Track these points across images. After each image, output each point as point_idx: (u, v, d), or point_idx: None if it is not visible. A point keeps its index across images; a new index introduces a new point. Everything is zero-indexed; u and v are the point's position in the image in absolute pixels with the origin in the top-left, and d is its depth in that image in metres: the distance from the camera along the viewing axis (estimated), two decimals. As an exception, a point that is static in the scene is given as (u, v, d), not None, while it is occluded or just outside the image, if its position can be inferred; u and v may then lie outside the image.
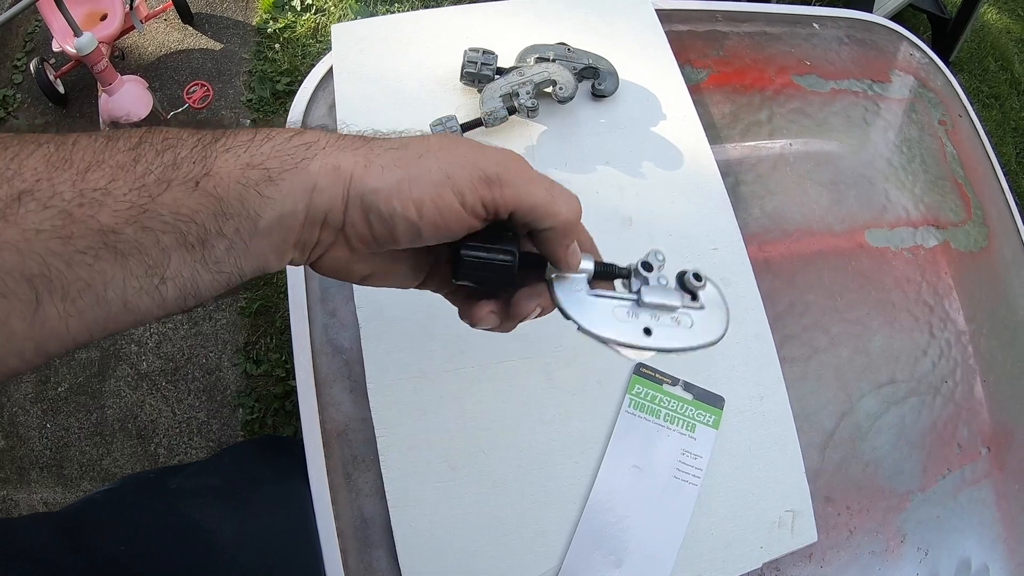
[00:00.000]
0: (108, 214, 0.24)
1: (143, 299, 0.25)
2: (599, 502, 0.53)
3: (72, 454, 1.38)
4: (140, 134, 0.26)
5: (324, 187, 0.28)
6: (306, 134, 0.29)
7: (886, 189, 0.73)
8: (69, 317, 0.24)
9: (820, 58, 0.80)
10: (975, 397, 0.67)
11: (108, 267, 0.24)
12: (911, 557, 0.60)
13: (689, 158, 0.66)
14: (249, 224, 0.27)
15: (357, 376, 0.57)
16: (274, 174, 0.27)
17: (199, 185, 0.26)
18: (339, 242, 0.30)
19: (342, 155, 0.28)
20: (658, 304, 0.34)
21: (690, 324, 0.34)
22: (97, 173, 0.24)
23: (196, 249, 0.26)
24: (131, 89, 1.40)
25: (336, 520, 0.53)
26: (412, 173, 0.29)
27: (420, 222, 0.29)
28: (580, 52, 0.65)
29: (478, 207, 0.29)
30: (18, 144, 0.24)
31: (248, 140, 0.27)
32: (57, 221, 0.23)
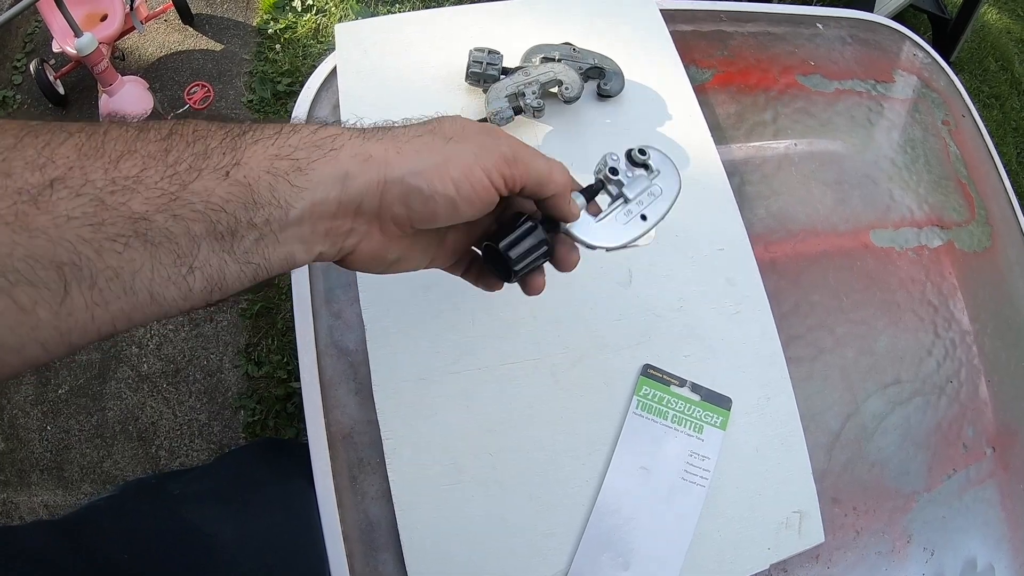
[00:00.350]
0: (140, 201, 0.24)
1: (170, 289, 0.26)
2: (607, 504, 0.53)
3: (73, 456, 1.38)
4: (170, 126, 0.26)
5: (356, 174, 0.29)
6: (330, 127, 0.30)
7: (890, 189, 0.73)
8: (95, 307, 0.24)
9: (824, 58, 0.80)
10: (980, 397, 0.67)
11: (137, 255, 0.24)
12: (917, 557, 0.60)
13: (695, 158, 0.66)
14: (280, 213, 0.27)
15: (362, 378, 0.56)
16: (303, 164, 0.28)
17: (229, 175, 0.26)
18: (373, 229, 0.32)
19: (369, 144, 0.30)
20: (638, 192, 0.40)
21: (660, 191, 0.41)
22: (129, 162, 0.24)
23: (225, 239, 0.26)
24: (131, 90, 1.39)
25: (342, 523, 0.53)
26: (445, 155, 0.31)
27: (458, 198, 0.31)
28: (585, 52, 0.65)
29: (500, 182, 0.33)
30: (49, 133, 0.24)
31: (275, 132, 0.28)
32: (89, 208, 0.23)
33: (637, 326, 0.59)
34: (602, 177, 0.40)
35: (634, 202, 0.40)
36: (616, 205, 0.40)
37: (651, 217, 0.40)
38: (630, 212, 0.40)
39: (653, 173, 0.41)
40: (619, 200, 0.40)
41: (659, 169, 0.41)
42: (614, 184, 0.40)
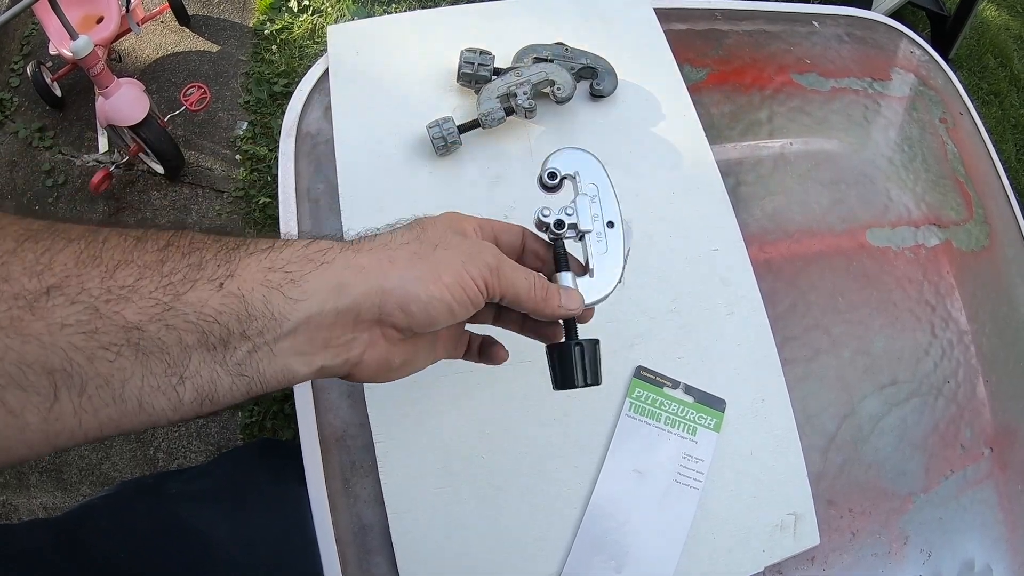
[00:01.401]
0: (134, 311, 0.25)
1: (159, 399, 0.26)
2: (599, 507, 0.53)
3: (71, 458, 1.38)
4: (167, 237, 0.27)
5: (352, 284, 0.30)
6: (321, 241, 0.31)
7: (887, 188, 0.73)
8: (84, 413, 0.24)
9: (820, 56, 0.79)
10: (977, 397, 0.67)
11: (128, 364, 0.25)
12: (914, 559, 0.60)
13: (689, 158, 0.65)
14: (274, 325, 0.28)
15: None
16: (297, 276, 0.28)
17: (223, 286, 0.27)
18: (376, 338, 0.32)
19: (361, 256, 0.31)
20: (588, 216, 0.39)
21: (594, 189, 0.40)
22: (125, 271, 0.25)
23: (218, 350, 0.27)
24: (127, 92, 1.39)
25: (335, 527, 0.53)
26: (435, 262, 0.32)
27: (453, 302, 0.32)
28: (578, 52, 0.65)
29: (485, 290, 0.34)
30: (49, 238, 0.24)
31: (268, 246, 0.29)
32: (83, 316, 0.24)
33: (630, 327, 0.58)
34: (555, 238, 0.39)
35: (593, 224, 0.39)
36: (588, 245, 0.39)
37: (611, 216, 0.39)
38: (599, 236, 0.39)
39: (574, 178, 0.40)
40: (583, 237, 0.39)
41: (575, 171, 0.40)
42: (569, 229, 0.39)
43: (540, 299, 0.36)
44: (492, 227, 0.39)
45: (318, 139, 0.66)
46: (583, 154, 0.40)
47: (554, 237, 0.39)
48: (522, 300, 0.35)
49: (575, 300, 0.37)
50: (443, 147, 0.60)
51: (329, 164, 0.63)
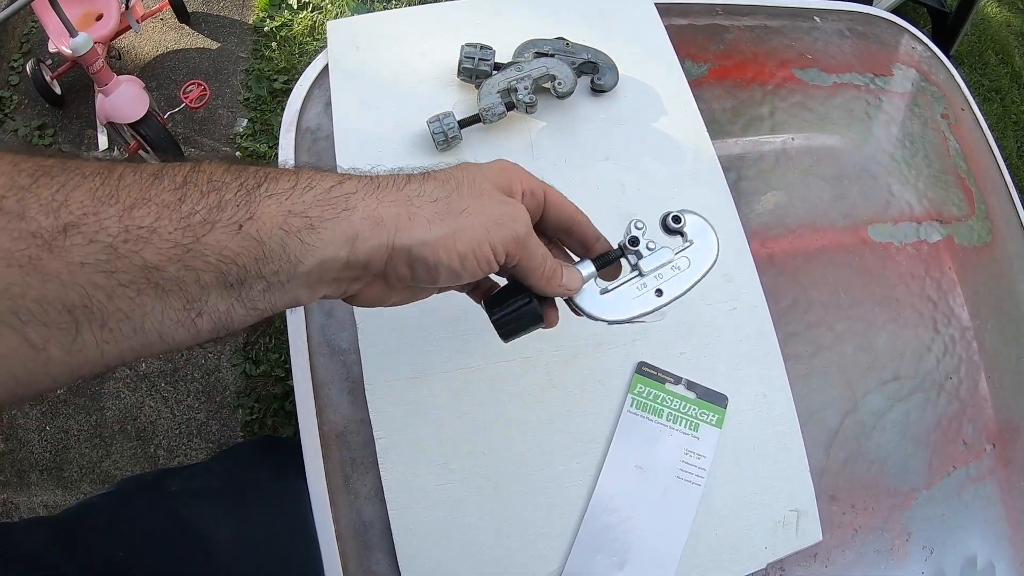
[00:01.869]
0: (153, 251, 0.25)
1: (179, 331, 0.26)
2: (601, 503, 0.53)
3: (72, 456, 1.38)
4: (185, 172, 0.27)
5: (366, 237, 0.30)
6: (346, 183, 0.30)
7: (889, 184, 0.73)
8: (105, 344, 0.25)
9: (822, 52, 0.79)
10: (980, 393, 0.67)
11: (148, 301, 0.25)
12: (916, 555, 0.59)
13: (690, 153, 0.65)
14: (289, 267, 0.28)
15: (355, 377, 0.56)
16: (316, 222, 0.28)
17: (242, 228, 0.27)
18: (377, 282, 0.33)
19: (382, 207, 0.31)
20: (657, 266, 0.39)
21: (687, 264, 0.39)
22: (143, 210, 0.25)
23: (234, 288, 0.27)
24: (127, 89, 1.38)
25: (335, 523, 0.53)
26: (455, 227, 0.32)
27: (461, 269, 0.32)
28: (579, 47, 0.64)
29: (503, 258, 0.33)
30: (64, 175, 0.24)
31: (290, 187, 0.29)
32: (102, 256, 0.24)
33: (632, 324, 0.58)
34: (622, 243, 0.39)
35: (650, 276, 0.39)
36: (631, 276, 0.39)
37: (667, 294, 0.39)
38: (644, 286, 0.39)
39: (686, 243, 0.40)
40: (635, 272, 0.39)
41: (694, 239, 0.40)
42: (632, 254, 0.39)
43: (548, 274, 0.36)
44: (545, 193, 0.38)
45: (318, 134, 0.66)
46: (713, 239, 0.40)
47: (620, 246, 0.39)
48: (532, 271, 0.36)
49: (575, 281, 0.38)
50: (444, 142, 0.60)
51: (329, 159, 0.63)
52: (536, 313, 0.38)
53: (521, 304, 0.37)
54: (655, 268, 0.39)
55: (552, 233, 0.40)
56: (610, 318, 0.39)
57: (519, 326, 0.38)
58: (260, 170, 0.29)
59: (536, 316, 0.38)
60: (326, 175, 0.31)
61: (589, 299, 0.39)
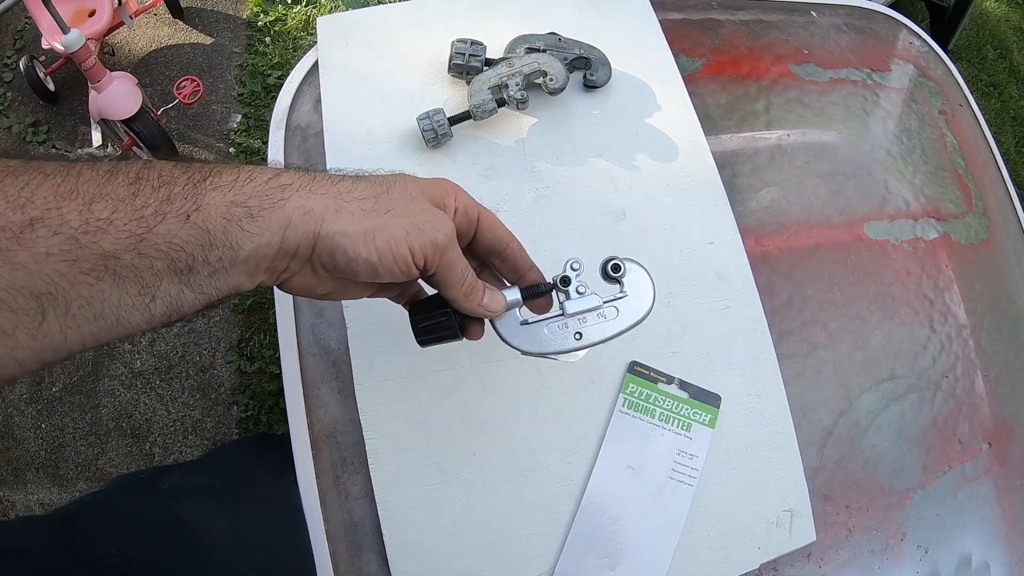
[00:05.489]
0: (110, 241, 0.27)
1: (134, 315, 0.29)
2: (593, 504, 0.52)
3: (67, 454, 1.38)
4: (137, 170, 0.29)
5: (297, 225, 0.32)
6: (283, 176, 0.33)
7: (885, 180, 0.72)
8: (68, 330, 0.27)
9: (818, 46, 0.78)
10: (976, 392, 0.66)
11: (107, 287, 0.28)
12: (911, 555, 0.59)
13: (684, 150, 0.64)
14: (231, 253, 0.31)
15: (345, 377, 0.55)
16: (255, 211, 0.31)
17: (190, 219, 0.29)
18: (305, 269, 0.35)
19: (314, 199, 0.33)
20: (580, 311, 0.40)
21: (615, 314, 0.41)
22: (101, 204, 0.27)
23: (184, 274, 0.30)
24: (120, 85, 1.37)
25: (326, 523, 0.52)
26: (377, 224, 0.34)
27: (379, 265, 0.34)
28: (571, 42, 0.64)
29: (422, 262, 0.36)
30: (27, 174, 0.27)
31: (232, 180, 0.31)
32: (65, 246, 0.26)
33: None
34: (553, 282, 0.41)
35: (573, 318, 0.40)
36: (555, 315, 0.40)
37: (586, 338, 0.40)
38: (565, 326, 0.40)
39: (620, 293, 0.41)
40: (559, 311, 0.40)
41: (629, 291, 0.41)
42: (562, 293, 0.40)
43: (467, 290, 0.38)
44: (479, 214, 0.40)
45: (308, 132, 0.65)
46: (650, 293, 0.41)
47: (552, 283, 0.41)
48: (450, 284, 0.38)
49: (496, 304, 0.39)
50: (433, 139, 0.59)
51: (319, 157, 0.63)
52: (451, 327, 0.39)
53: (439, 316, 0.39)
54: (579, 312, 0.40)
55: (484, 255, 0.42)
56: (523, 348, 0.40)
57: (434, 337, 0.40)
58: (206, 166, 0.32)
59: (451, 330, 0.40)
60: (266, 169, 0.33)
61: (507, 325, 0.40)
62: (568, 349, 0.40)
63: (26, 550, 0.51)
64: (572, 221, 0.60)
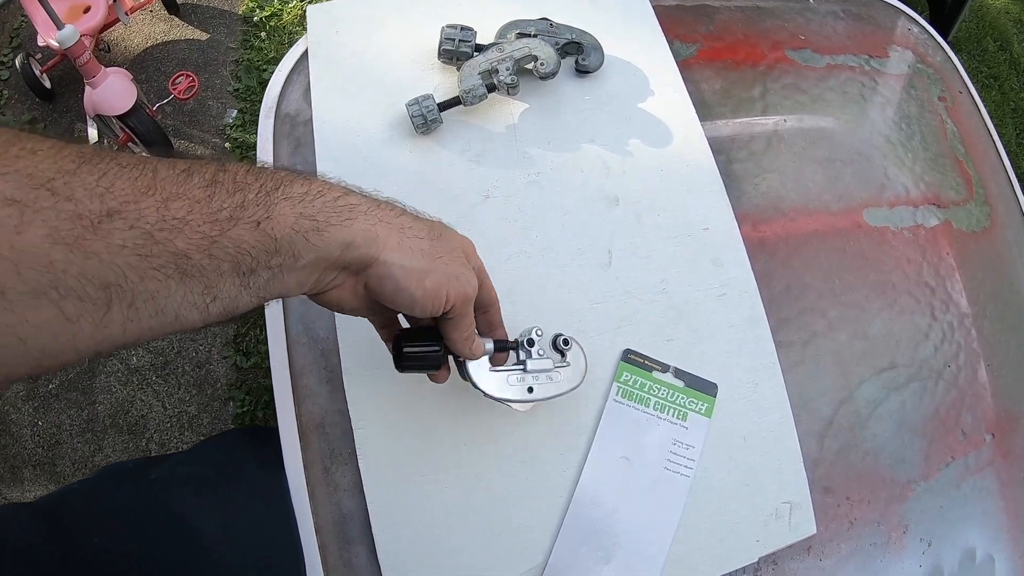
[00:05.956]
0: (184, 240, 0.28)
1: (193, 313, 0.30)
2: (586, 495, 0.51)
3: (64, 451, 1.37)
4: (212, 172, 0.31)
5: (359, 245, 0.35)
6: (351, 196, 0.36)
7: (885, 167, 0.71)
8: (129, 323, 0.28)
9: (815, 32, 0.77)
10: (979, 382, 0.65)
11: (174, 284, 0.28)
12: (914, 548, 0.58)
13: (678, 135, 0.63)
14: (291, 261, 0.33)
15: (333, 367, 0.55)
16: (322, 226, 0.33)
17: (260, 226, 0.31)
18: (347, 285, 0.37)
19: (380, 226, 0.36)
20: (538, 370, 0.47)
21: (559, 379, 0.48)
22: (177, 204, 0.28)
23: (245, 276, 0.31)
24: (114, 81, 1.37)
25: (315, 516, 0.52)
26: (430, 267, 0.38)
27: (418, 301, 0.37)
28: (563, 27, 0.63)
29: (450, 307, 0.39)
30: (103, 163, 0.27)
31: (303, 193, 0.33)
32: (139, 240, 0.27)
33: (617, 309, 0.56)
34: (520, 340, 0.47)
35: (530, 375, 0.47)
36: (516, 368, 0.47)
37: (536, 393, 0.47)
38: (522, 379, 0.47)
39: (564, 363, 0.48)
40: (520, 366, 0.47)
41: (570, 363, 0.49)
42: (524, 352, 0.47)
43: (468, 335, 0.43)
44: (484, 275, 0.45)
45: (297, 120, 0.64)
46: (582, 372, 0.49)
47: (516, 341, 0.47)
48: (460, 328, 0.42)
49: (479, 350, 0.45)
50: (423, 125, 0.58)
51: (308, 145, 0.62)
52: (439, 360, 0.44)
53: (433, 348, 0.44)
54: (535, 371, 0.47)
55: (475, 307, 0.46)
56: (485, 390, 0.46)
57: (419, 365, 0.44)
58: (277, 173, 0.33)
59: (438, 363, 0.44)
60: (334, 187, 0.36)
61: (478, 370, 0.46)
62: (519, 399, 0.47)
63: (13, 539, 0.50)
64: (564, 207, 0.59)
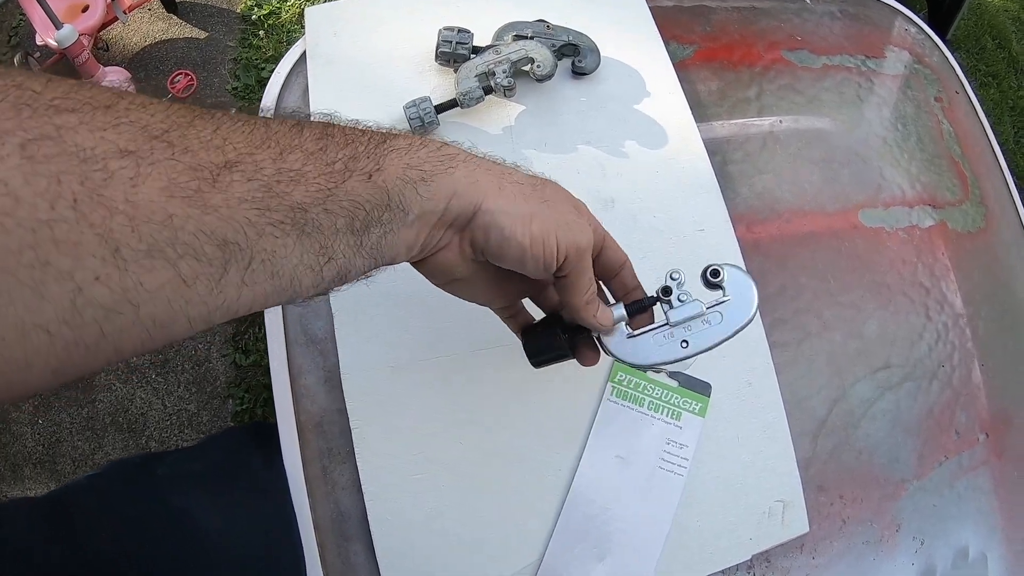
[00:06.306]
0: (301, 193, 0.27)
1: (307, 276, 0.28)
2: (581, 494, 0.52)
3: (64, 449, 1.37)
4: (322, 127, 0.30)
5: (462, 193, 0.33)
6: (448, 147, 0.34)
7: (880, 167, 0.71)
8: (244, 287, 0.26)
9: (811, 33, 0.77)
10: (973, 382, 0.65)
11: (292, 241, 0.27)
12: (907, 547, 0.58)
13: (674, 136, 0.63)
14: (401, 216, 0.31)
15: (331, 366, 0.55)
16: (428, 176, 0.32)
17: (371, 178, 0.30)
18: (454, 243, 0.35)
19: (480, 172, 0.34)
20: (684, 318, 0.40)
21: (719, 319, 0.40)
22: (293, 156, 0.27)
23: (359, 234, 0.30)
24: (113, 81, 1.37)
25: (313, 513, 0.52)
26: (536, 210, 0.35)
27: (528, 251, 0.34)
28: (559, 29, 0.63)
29: (562, 258, 0.36)
30: (215, 118, 0.26)
31: (408, 145, 0.32)
32: (258, 194, 0.26)
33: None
34: (656, 295, 0.40)
35: (678, 327, 0.40)
36: (660, 325, 0.40)
37: (693, 346, 0.40)
38: (671, 335, 0.40)
39: (723, 298, 0.40)
40: (664, 321, 0.40)
41: (731, 295, 0.40)
42: (665, 303, 0.40)
43: (588, 298, 0.38)
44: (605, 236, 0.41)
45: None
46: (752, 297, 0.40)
47: (654, 296, 0.40)
48: (576, 289, 0.38)
49: (607, 319, 0.40)
50: (420, 127, 0.58)
51: (305, 146, 0.62)
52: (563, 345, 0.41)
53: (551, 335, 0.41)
54: (683, 320, 0.40)
55: (601, 274, 0.42)
56: (633, 361, 0.40)
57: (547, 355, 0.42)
58: (379, 131, 0.33)
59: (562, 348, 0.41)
60: (433, 140, 0.34)
61: (617, 341, 0.40)
62: (676, 359, 0.40)
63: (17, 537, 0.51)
64: (561, 209, 0.59)
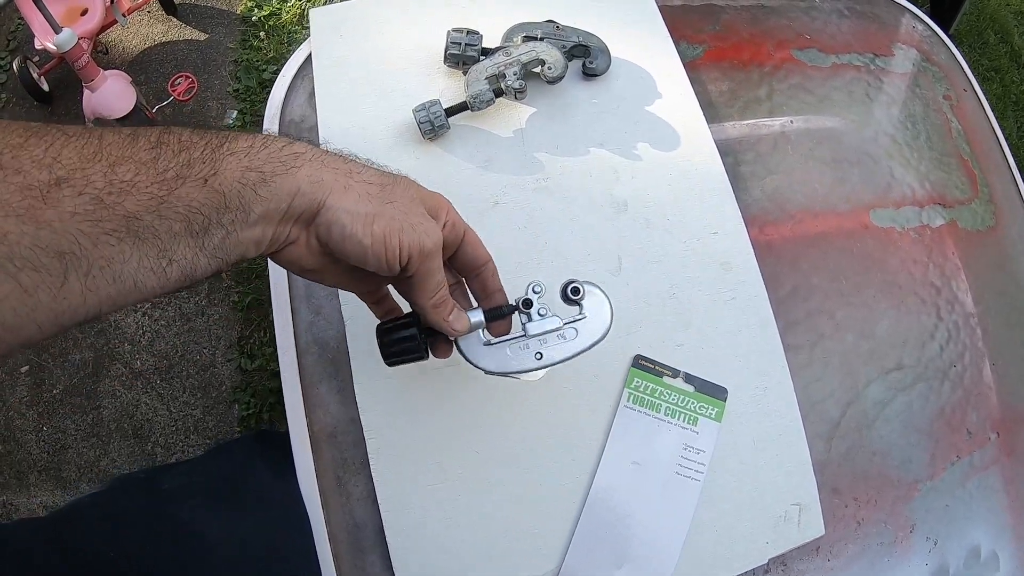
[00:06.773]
0: (133, 202, 0.28)
1: (151, 278, 0.30)
2: (598, 500, 0.51)
3: (70, 456, 1.37)
4: (157, 134, 0.31)
5: (306, 192, 0.34)
6: (296, 145, 0.35)
7: (890, 167, 0.71)
8: (88, 292, 0.27)
9: (820, 31, 0.77)
10: (984, 381, 0.65)
11: (127, 248, 0.28)
12: (920, 547, 0.58)
13: (686, 138, 0.63)
14: (243, 217, 0.32)
15: (344, 376, 0.55)
16: (268, 177, 0.32)
17: (207, 183, 0.30)
18: (300, 239, 0.36)
19: (325, 171, 0.35)
20: (541, 332, 0.42)
21: (575, 335, 0.42)
22: (124, 167, 0.28)
23: (199, 236, 0.31)
24: (113, 84, 1.36)
25: (328, 525, 0.52)
26: (379, 211, 0.35)
27: (369, 249, 0.35)
28: (569, 30, 0.62)
29: (406, 260, 0.36)
30: (50, 135, 0.27)
31: (248, 146, 0.33)
32: (89, 206, 0.27)
33: (627, 315, 0.56)
34: (516, 304, 0.42)
35: (534, 339, 0.42)
36: (517, 336, 0.42)
37: (546, 358, 0.42)
38: (526, 347, 0.42)
39: (579, 315, 0.43)
40: (521, 333, 0.42)
41: (588, 313, 0.43)
42: (524, 315, 0.42)
43: (436, 301, 0.39)
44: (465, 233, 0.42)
45: (302, 126, 0.64)
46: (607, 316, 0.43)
47: (514, 305, 0.42)
48: (423, 290, 0.39)
49: (461, 323, 0.41)
50: (430, 131, 0.58)
51: (314, 152, 0.61)
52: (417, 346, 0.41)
53: (405, 334, 0.41)
54: (540, 333, 0.42)
55: (462, 270, 0.44)
56: (485, 368, 0.42)
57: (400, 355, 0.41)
58: (222, 132, 0.33)
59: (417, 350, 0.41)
60: (279, 138, 0.34)
61: (471, 345, 0.42)
62: (528, 369, 0.42)
63: (25, 552, 0.51)
64: (573, 212, 0.59)
